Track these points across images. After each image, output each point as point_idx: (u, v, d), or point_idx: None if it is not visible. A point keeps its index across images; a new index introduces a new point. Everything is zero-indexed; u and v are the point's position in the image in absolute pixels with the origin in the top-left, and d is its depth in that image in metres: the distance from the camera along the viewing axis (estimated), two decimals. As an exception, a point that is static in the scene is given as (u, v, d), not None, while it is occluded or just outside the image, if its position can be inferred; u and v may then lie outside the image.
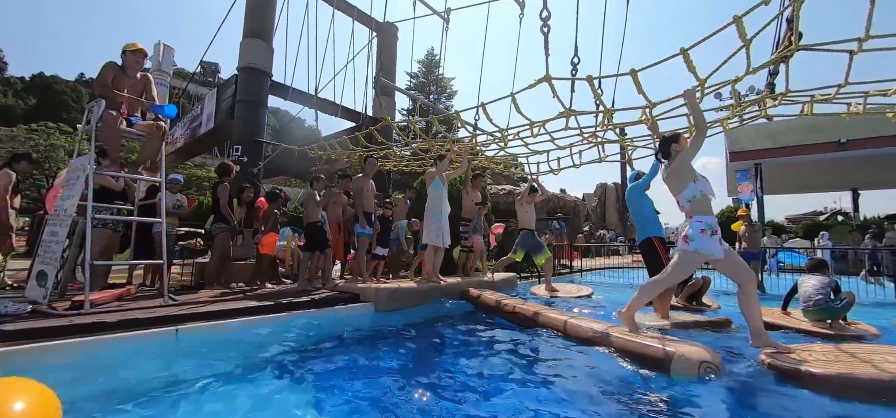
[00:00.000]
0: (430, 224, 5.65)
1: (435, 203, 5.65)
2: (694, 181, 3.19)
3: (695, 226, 3.12)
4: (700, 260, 3.19)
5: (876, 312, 5.52)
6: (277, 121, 48.32)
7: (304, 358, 3.15)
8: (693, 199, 3.19)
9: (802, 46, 3.03)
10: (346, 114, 9.12)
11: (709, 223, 3.09)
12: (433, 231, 5.62)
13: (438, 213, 5.61)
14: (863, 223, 16.96)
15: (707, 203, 3.19)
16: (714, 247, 3.06)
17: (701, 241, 3.06)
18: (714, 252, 3.06)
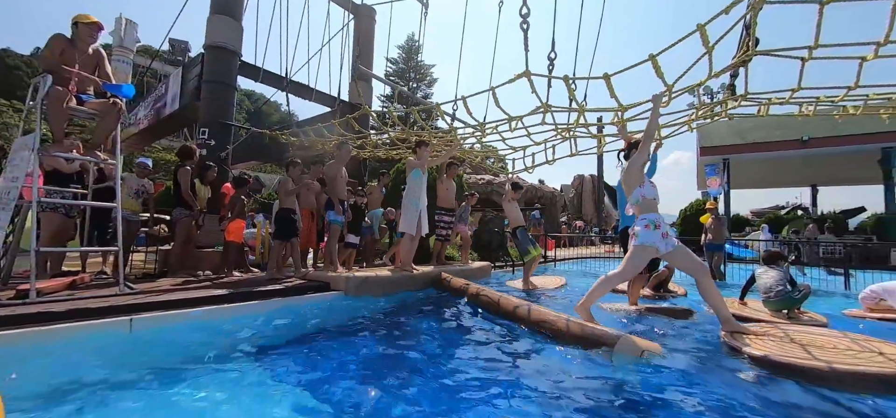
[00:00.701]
0: (407, 212, 5.58)
1: (413, 191, 5.57)
2: (640, 185, 3.57)
3: (640, 223, 3.47)
4: (647, 253, 3.46)
5: (826, 301, 5.86)
6: (252, 104, 46.82)
7: (270, 348, 3.08)
8: (637, 202, 3.57)
9: (758, 52, 3.13)
10: (321, 99, 8.88)
11: (652, 220, 3.44)
12: (409, 219, 5.56)
13: (416, 202, 5.54)
14: (820, 217, 17.85)
15: (651, 204, 3.55)
16: (657, 240, 3.38)
17: (645, 236, 3.39)
18: (657, 244, 3.38)
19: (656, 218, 3.49)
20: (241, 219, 5.62)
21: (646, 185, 3.60)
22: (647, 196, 3.57)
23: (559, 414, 2.07)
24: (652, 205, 3.57)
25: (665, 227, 3.45)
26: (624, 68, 3.50)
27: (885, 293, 4.58)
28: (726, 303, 4.39)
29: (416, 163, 5.70)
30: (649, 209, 3.55)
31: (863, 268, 8.82)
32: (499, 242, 9.59)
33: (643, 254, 3.47)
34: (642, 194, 3.57)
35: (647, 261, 3.53)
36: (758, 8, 2.93)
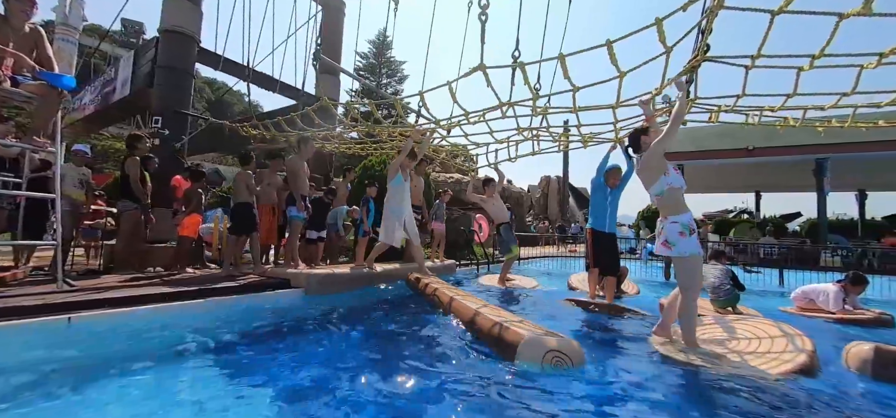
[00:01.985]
0: (387, 221, 5.24)
1: (394, 199, 5.20)
2: (665, 173, 3.03)
3: (671, 229, 2.98)
4: (698, 262, 3.00)
5: (760, 299, 6.34)
6: (213, 93, 44.72)
7: (224, 348, 2.98)
8: (660, 194, 3.06)
9: (707, 57, 3.34)
10: (285, 91, 8.62)
11: (684, 223, 2.96)
12: (388, 229, 5.22)
13: (398, 211, 5.19)
14: (762, 221, 19.26)
15: (678, 198, 3.04)
16: (695, 246, 2.95)
17: (683, 245, 2.94)
18: (697, 251, 2.96)
19: (688, 220, 2.97)
20: (198, 213, 5.39)
21: (671, 174, 3.03)
22: (675, 185, 3.01)
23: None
24: (680, 200, 3.04)
25: (693, 225, 3.00)
26: (578, 51, 3.54)
27: (813, 294, 5.01)
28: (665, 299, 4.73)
29: (397, 167, 5.30)
30: (678, 206, 3.02)
31: (797, 268, 9.60)
32: (465, 241, 9.69)
33: (695, 264, 2.99)
34: (669, 184, 3.01)
35: (700, 269, 3.08)
36: (715, 13, 3.10)
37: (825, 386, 2.47)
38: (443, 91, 4.36)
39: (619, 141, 5.08)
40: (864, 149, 13.71)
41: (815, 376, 2.59)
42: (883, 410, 2.23)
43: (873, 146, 13.61)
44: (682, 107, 3.18)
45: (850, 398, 2.38)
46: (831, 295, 4.80)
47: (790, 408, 2.13)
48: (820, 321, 4.67)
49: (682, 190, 3.06)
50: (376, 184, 6.67)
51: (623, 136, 5.13)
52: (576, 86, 3.79)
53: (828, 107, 4.15)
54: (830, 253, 12.62)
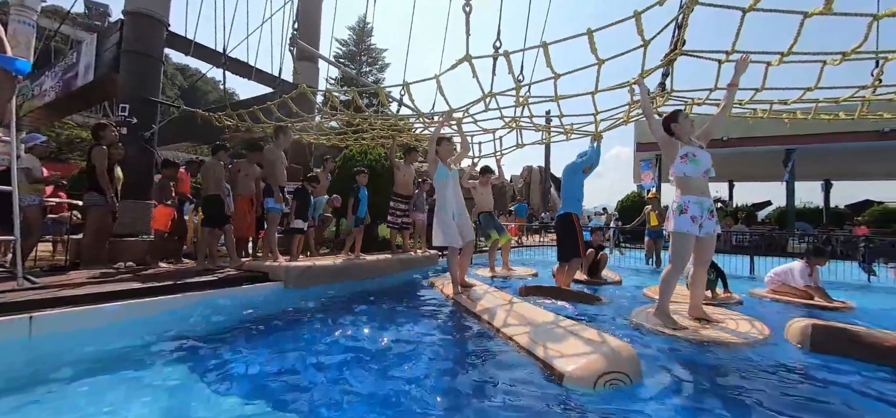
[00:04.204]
0: (438, 220, 4.42)
1: (439, 195, 4.42)
2: (671, 162, 3.34)
3: (672, 206, 3.36)
4: (686, 239, 3.24)
5: (737, 283, 6.56)
6: (185, 80, 43.12)
7: (198, 345, 2.88)
8: (674, 179, 3.36)
9: (683, 51, 3.39)
10: (261, 78, 8.34)
11: (680, 203, 3.25)
12: (446, 230, 4.33)
13: (444, 207, 4.37)
14: (734, 210, 19.92)
15: (685, 184, 3.28)
16: (682, 225, 3.21)
17: (672, 222, 3.28)
18: (689, 229, 3.21)
19: (684, 200, 3.24)
20: (167, 205, 5.19)
21: (676, 163, 3.29)
22: (678, 174, 3.29)
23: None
24: (686, 185, 3.27)
25: (694, 209, 3.21)
26: (561, 39, 3.53)
27: (783, 275, 5.23)
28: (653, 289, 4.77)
29: (437, 159, 4.47)
30: (684, 189, 3.29)
31: (767, 255, 9.98)
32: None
33: (679, 240, 3.27)
34: (673, 173, 3.31)
35: (689, 246, 3.28)
36: (690, 8, 3.13)
37: (768, 355, 2.80)
38: (427, 78, 4.30)
39: (597, 134, 5.12)
40: (828, 140, 14.31)
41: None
42: (816, 372, 2.57)
43: (837, 137, 14.23)
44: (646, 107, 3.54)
45: (789, 365, 2.68)
46: (797, 270, 5.06)
47: (740, 372, 2.51)
48: (784, 304, 4.86)
49: (688, 178, 3.28)
50: (366, 171, 6.55)
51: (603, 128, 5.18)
52: (557, 73, 3.80)
53: (791, 101, 4.32)
54: (797, 240, 13.17)
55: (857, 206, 21.48)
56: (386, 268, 6.23)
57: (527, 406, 2.06)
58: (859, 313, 4.49)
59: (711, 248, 3.41)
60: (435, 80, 4.13)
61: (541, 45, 3.49)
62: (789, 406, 2.12)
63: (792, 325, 3.17)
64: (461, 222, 4.41)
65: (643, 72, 3.66)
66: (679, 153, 3.28)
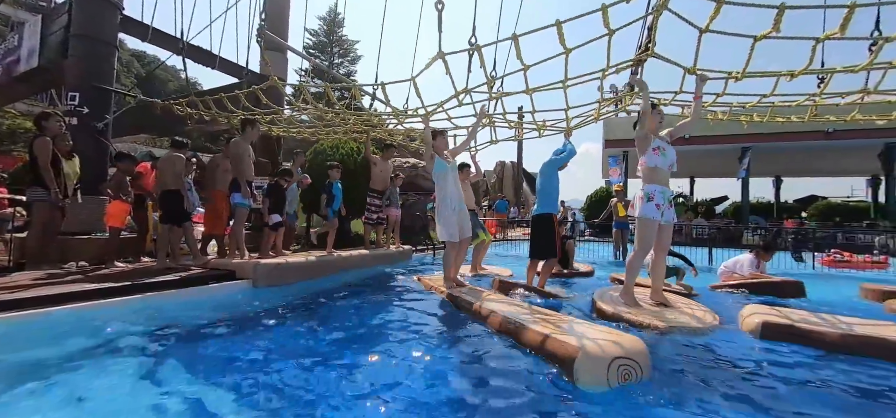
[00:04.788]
0: (440, 215, 4.34)
1: (440, 189, 4.34)
2: (642, 154, 3.59)
3: (638, 193, 3.61)
4: (649, 224, 3.51)
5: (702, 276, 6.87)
6: (142, 68, 40.80)
7: (158, 350, 2.71)
8: (643, 168, 3.62)
9: (653, 54, 3.51)
10: (226, 68, 7.96)
11: (646, 191, 3.53)
12: (446, 225, 4.27)
13: (445, 200, 4.30)
14: (694, 204, 20.94)
15: (650, 174, 3.56)
16: (651, 211, 3.47)
17: (641, 208, 3.53)
18: (653, 216, 3.47)
19: (651, 189, 3.52)
20: (123, 200, 4.88)
21: (648, 153, 3.56)
22: (649, 164, 3.57)
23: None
24: (653, 175, 3.56)
25: (659, 198, 3.50)
26: (531, 31, 3.62)
27: (733, 266, 5.55)
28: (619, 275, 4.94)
29: (434, 152, 4.37)
30: (651, 178, 3.57)
31: (723, 246, 10.56)
32: (421, 226, 9.65)
33: (645, 225, 3.53)
34: (644, 162, 3.60)
35: (653, 231, 3.55)
36: (659, 12, 3.24)
37: (722, 339, 3.02)
38: (400, 74, 4.25)
39: (569, 130, 5.21)
40: (779, 139, 15.27)
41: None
42: (764, 356, 2.76)
43: (787, 137, 15.21)
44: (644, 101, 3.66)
45: (742, 350, 2.87)
46: (746, 262, 5.42)
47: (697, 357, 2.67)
48: (737, 296, 5.15)
49: (657, 169, 3.55)
50: (339, 166, 6.39)
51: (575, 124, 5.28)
52: (526, 64, 3.85)
53: (749, 105, 4.60)
54: (751, 232, 13.99)
55: (804, 201, 23.07)
56: (359, 263, 6.14)
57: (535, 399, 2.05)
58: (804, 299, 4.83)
59: (670, 235, 3.70)
60: (411, 81, 4.08)
61: (512, 37, 3.52)
62: (741, 384, 2.27)
63: (745, 313, 3.36)
64: (461, 217, 4.34)
65: (608, 66, 3.78)
66: (652, 145, 3.54)
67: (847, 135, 14.89)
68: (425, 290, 4.71)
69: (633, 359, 2.13)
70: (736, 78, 3.76)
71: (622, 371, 2.09)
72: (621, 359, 2.10)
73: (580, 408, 1.98)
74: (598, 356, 2.12)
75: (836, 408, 2.06)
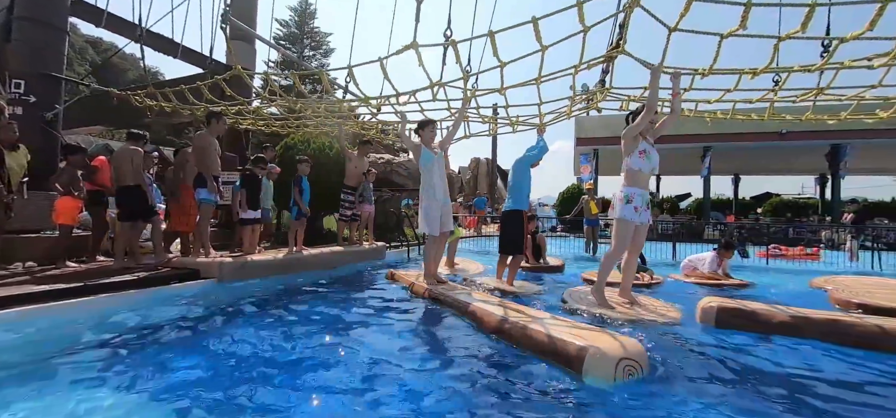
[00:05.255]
0: (423, 206, 4.28)
1: (426, 180, 4.29)
2: (628, 155, 3.59)
3: (619, 193, 3.63)
4: (626, 225, 3.55)
5: (662, 268, 7.15)
6: (97, 55, 38.49)
7: (113, 354, 2.57)
8: (624, 171, 3.64)
9: (624, 51, 3.61)
10: (189, 57, 7.59)
11: (626, 193, 3.56)
12: (429, 218, 4.21)
13: (431, 192, 4.25)
14: (660, 201, 21.78)
15: (634, 176, 3.57)
16: (629, 213, 3.52)
17: (619, 209, 3.58)
18: (631, 218, 3.52)
19: (630, 191, 3.55)
20: (73, 196, 4.59)
21: (633, 156, 3.56)
22: (633, 167, 3.57)
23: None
24: (635, 178, 3.57)
25: (638, 200, 3.55)
26: (507, 27, 3.62)
27: (695, 262, 5.81)
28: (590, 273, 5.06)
29: (421, 143, 4.33)
30: (632, 181, 3.58)
31: (687, 241, 11.03)
32: (395, 222, 9.57)
33: (622, 226, 3.58)
34: (628, 164, 3.59)
35: (629, 232, 3.59)
36: (631, 9, 3.31)
37: (684, 331, 3.19)
38: (373, 67, 4.17)
39: (542, 127, 5.28)
40: (738, 139, 16.08)
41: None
42: (717, 345, 2.93)
43: (746, 137, 16.04)
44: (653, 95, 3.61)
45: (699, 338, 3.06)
46: (708, 260, 5.67)
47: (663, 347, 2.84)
48: (697, 286, 5.41)
49: (639, 172, 3.57)
50: (309, 160, 6.20)
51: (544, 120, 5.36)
52: (502, 61, 3.87)
53: (713, 100, 4.80)
54: (712, 228, 14.69)
55: (760, 198, 24.43)
56: (331, 261, 6.03)
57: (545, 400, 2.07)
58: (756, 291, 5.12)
59: (645, 236, 3.78)
60: (379, 63, 4.01)
61: (488, 33, 3.53)
62: (701, 371, 2.41)
63: (702, 306, 3.52)
64: (444, 211, 4.30)
65: (581, 63, 3.85)
66: (639, 148, 3.56)
67: (798, 136, 15.85)
68: (401, 287, 4.67)
69: (635, 360, 2.25)
70: (703, 74, 3.87)
71: (626, 369, 2.19)
72: (626, 360, 2.21)
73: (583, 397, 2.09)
74: (607, 356, 2.21)
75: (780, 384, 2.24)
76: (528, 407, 2.00)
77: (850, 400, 2.12)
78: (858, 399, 2.14)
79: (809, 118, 5.13)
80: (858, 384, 2.31)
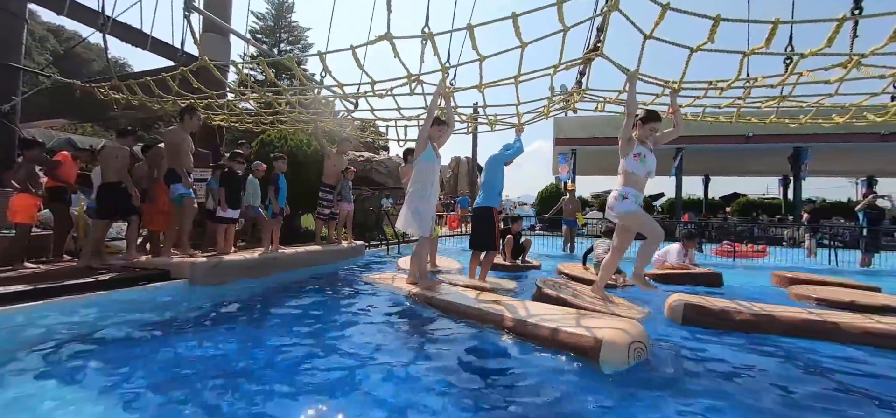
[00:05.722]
0: (414, 206, 4.06)
1: (422, 180, 4.07)
2: (624, 157, 3.61)
3: (611, 196, 3.67)
4: (625, 219, 3.60)
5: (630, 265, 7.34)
6: (59, 44, 36.61)
7: (74, 360, 2.43)
8: (622, 171, 3.65)
9: (601, 54, 3.69)
10: (159, 49, 7.28)
11: (621, 192, 3.58)
12: (421, 217, 4.04)
13: (425, 193, 4.06)
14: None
15: (630, 178, 3.59)
16: (626, 206, 3.55)
17: (617, 206, 3.59)
18: (626, 210, 3.55)
19: (626, 190, 3.56)
20: (31, 193, 4.35)
21: (628, 158, 3.58)
22: (628, 169, 3.60)
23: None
24: (630, 179, 3.59)
25: (632, 198, 3.56)
26: (486, 22, 3.64)
27: (662, 255, 6.04)
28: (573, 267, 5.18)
29: (427, 138, 4.12)
30: (627, 182, 3.60)
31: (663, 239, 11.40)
32: (374, 221, 9.50)
33: (627, 219, 3.61)
34: (624, 166, 3.62)
35: (633, 229, 3.66)
36: (610, 12, 3.38)
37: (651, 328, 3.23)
38: (349, 60, 4.10)
39: (520, 126, 5.34)
40: (708, 141, 16.69)
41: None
42: (684, 341, 3.09)
43: (715, 140, 16.68)
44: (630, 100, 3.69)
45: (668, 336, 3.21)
46: (674, 252, 5.94)
47: None
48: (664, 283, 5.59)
49: (634, 174, 3.58)
50: (285, 157, 6.05)
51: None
52: (482, 56, 3.88)
53: (685, 105, 4.97)
54: (683, 225, 15.22)
55: (728, 198, 25.44)
56: (309, 260, 5.93)
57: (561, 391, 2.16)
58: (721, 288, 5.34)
59: (632, 238, 3.83)
60: (351, 51, 3.96)
61: (466, 27, 3.54)
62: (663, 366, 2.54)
63: (670, 303, 3.64)
64: (432, 212, 4.24)
65: (560, 63, 3.92)
66: (633, 151, 3.58)
67: (763, 139, 16.59)
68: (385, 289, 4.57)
69: (642, 342, 2.49)
70: (675, 88, 4.05)
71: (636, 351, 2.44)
72: (636, 343, 2.46)
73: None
74: (619, 342, 2.43)
75: (744, 380, 2.35)
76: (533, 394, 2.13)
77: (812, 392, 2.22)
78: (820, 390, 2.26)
79: (773, 121, 5.39)
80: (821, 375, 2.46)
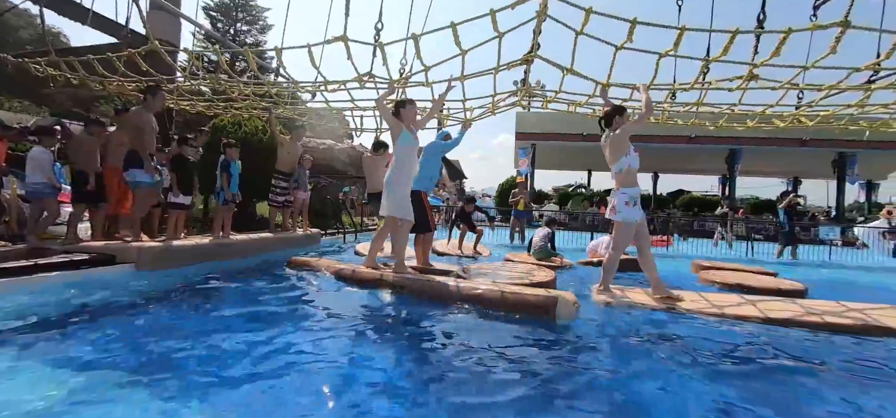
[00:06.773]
0: (395, 190, 3.97)
1: (402, 164, 3.98)
2: (626, 154, 3.55)
3: (620, 198, 3.56)
4: (630, 229, 3.58)
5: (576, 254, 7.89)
6: (-16, 9, 32.94)
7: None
8: (621, 171, 3.58)
9: (538, 56, 4.04)
10: (102, 25, 6.89)
11: (632, 196, 3.54)
12: (399, 202, 3.98)
13: (406, 177, 4.02)
14: (592, 194, 23.56)
15: (633, 176, 3.58)
16: (636, 214, 3.54)
17: (627, 213, 3.54)
18: (636, 218, 3.55)
19: (636, 193, 3.53)
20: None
21: (631, 154, 3.54)
22: (633, 166, 3.54)
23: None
24: (633, 177, 3.57)
25: (637, 201, 3.56)
26: (430, 31, 3.91)
27: (597, 245, 6.57)
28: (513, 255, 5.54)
29: (403, 122, 4.01)
30: (632, 181, 3.56)
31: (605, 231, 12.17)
32: (333, 210, 9.55)
33: (628, 230, 3.58)
34: (629, 164, 3.53)
35: (631, 233, 3.60)
36: (541, 18, 3.71)
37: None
38: (298, 47, 4.19)
39: (467, 122, 5.64)
40: (657, 141, 17.84)
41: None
42: (605, 319, 3.33)
43: (663, 140, 17.84)
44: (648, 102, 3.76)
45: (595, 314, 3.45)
46: (604, 242, 6.34)
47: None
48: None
49: (634, 170, 3.60)
50: (236, 143, 5.95)
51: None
52: (426, 65, 4.14)
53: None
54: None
55: (675, 194, 27.24)
56: (261, 247, 5.97)
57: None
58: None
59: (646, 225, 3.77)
60: (307, 49, 4.09)
61: (411, 36, 3.76)
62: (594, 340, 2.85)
63: (594, 290, 3.92)
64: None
65: (498, 65, 4.26)
66: (631, 147, 3.60)
67: (704, 140, 17.95)
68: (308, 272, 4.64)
69: (577, 302, 3.05)
70: (604, 85, 4.42)
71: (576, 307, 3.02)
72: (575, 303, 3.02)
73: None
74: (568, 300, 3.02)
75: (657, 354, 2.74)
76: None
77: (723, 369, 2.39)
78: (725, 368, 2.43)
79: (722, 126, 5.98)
80: (726, 354, 2.69)
